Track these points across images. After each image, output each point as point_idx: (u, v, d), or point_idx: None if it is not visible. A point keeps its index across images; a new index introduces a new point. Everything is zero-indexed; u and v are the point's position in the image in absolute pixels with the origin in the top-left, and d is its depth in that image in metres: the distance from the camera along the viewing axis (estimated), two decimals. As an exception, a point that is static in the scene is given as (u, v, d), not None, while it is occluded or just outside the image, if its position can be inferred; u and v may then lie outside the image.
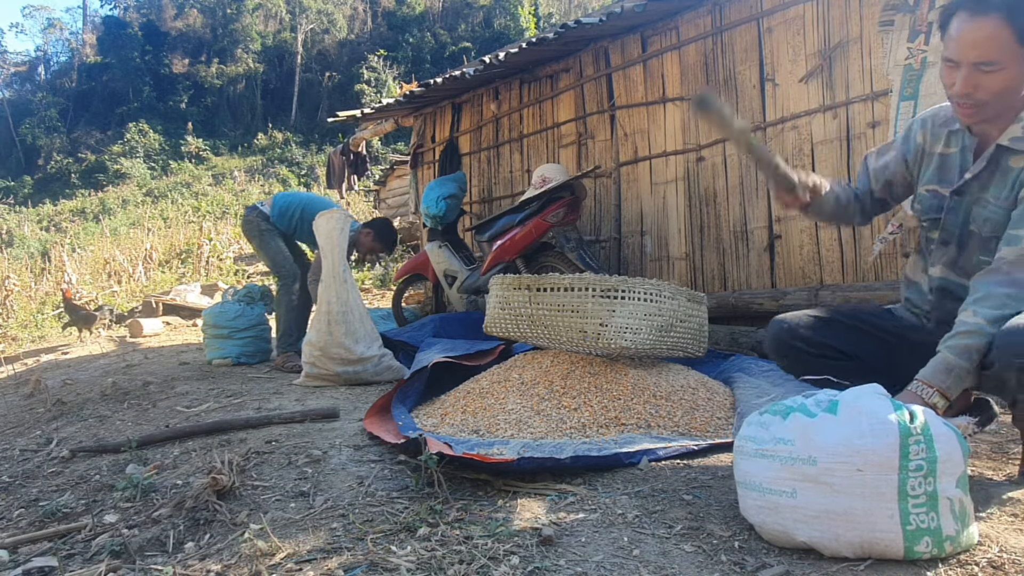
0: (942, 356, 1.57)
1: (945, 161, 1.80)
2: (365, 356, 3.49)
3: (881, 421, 1.31)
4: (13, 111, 38.06)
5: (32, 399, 3.74)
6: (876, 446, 1.28)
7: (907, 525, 1.26)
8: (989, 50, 1.51)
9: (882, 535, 1.27)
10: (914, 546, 1.27)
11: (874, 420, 1.31)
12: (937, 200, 1.81)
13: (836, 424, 1.34)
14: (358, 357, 3.46)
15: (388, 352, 3.66)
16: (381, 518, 1.67)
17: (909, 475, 1.26)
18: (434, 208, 5.02)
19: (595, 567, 1.34)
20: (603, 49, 4.88)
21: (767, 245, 3.93)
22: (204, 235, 13.53)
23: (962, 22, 1.54)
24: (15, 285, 9.76)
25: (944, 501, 1.28)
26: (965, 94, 1.56)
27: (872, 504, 1.27)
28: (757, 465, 1.43)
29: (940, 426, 1.33)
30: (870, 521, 1.27)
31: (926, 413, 1.35)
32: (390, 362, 3.62)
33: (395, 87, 22.80)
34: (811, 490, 1.32)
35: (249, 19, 38.19)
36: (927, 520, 1.27)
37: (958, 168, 1.77)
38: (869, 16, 3.45)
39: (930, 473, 1.27)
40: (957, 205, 1.76)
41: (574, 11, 29.98)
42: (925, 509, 1.27)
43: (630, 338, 2.56)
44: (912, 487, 1.26)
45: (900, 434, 1.28)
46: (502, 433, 2.31)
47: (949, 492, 1.28)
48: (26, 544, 1.77)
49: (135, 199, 25.70)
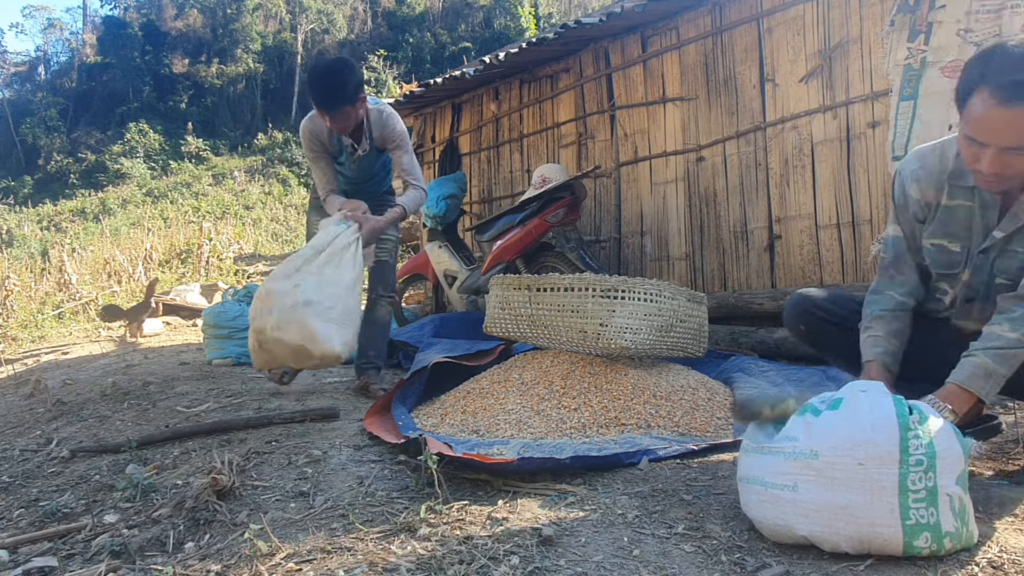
0: (979, 361, 1.55)
1: (951, 215, 1.72)
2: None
3: (882, 416, 1.31)
4: (13, 111, 38.04)
5: (32, 399, 3.73)
6: (877, 439, 1.29)
7: (907, 520, 1.26)
8: (1021, 137, 1.44)
9: (882, 529, 1.27)
10: (913, 541, 1.27)
11: (875, 415, 1.32)
12: (946, 256, 1.75)
13: (839, 419, 1.35)
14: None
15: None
16: (381, 518, 1.67)
17: (909, 469, 1.27)
18: (434, 208, 5.02)
19: (595, 567, 1.34)
20: (603, 49, 4.88)
21: (767, 245, 3.93)
22: (204, 235, 13.51)
23: (989, 107, 1.44)
24: (15, 285, 9.74)
25: (944, 497, 1.28)
26: (994, 174, 1.50)
27: (872, 498, 1.27)
28: (761, 461, 1.44)
29: (939, 422, 1.33)
30: (870, 515, 1.27)
31: (925, 409, 1.36)
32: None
33: (395, 87, 22.79)
34: (813, 484, 1.33)
35: (249, 19, 38.17)
36: (927, 515, 1.27)
37: (972, 224, 1.70)
38: (869, 16, 3.45)
39: (930, 468, 1.27)
40: (983, 263, 1.71)
41: (574, 11, 29.97)
42: (925, 504, 1.27)
43: (630, 338, 2.56)
44: (912, 481, 1.27)
45: (900, 427, 1.29)
46: (502, 433, 2.31)
47: (949, 488, 1.29)
48: (26, 544, 1.77)
49: (135, 199, 25.68)
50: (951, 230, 1.73)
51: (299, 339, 2.39)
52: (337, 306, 2.50)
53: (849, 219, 3.55)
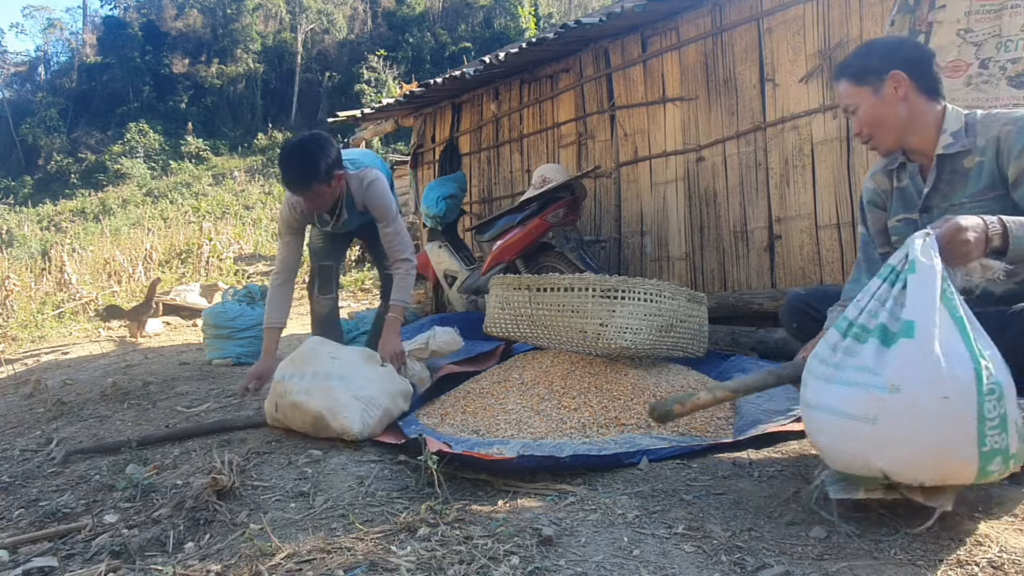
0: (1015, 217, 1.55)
1: (903, 193, 1.99)
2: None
3: (956, 350, 1.34)
4: (13, 111, 38.04)
5: (32, 399, 3.73)
6: (959, 373, 1.33)
7: (983, 447, 1.32)
8: (846, 100, 1.91)
9: (962, 459, 1.33)
10: (988, 466, 1.33)
11: (949, 347, 1.35)
12: (911, 227, 1.91)
13: (916, 350, 1.36)
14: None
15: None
16: (381, 518, 1.67)
17: (985, 399, 1.32)
18: (434, 208, 5.02)
19: (595, 567, 1.34)
20: (603, 49, 4.88)
21: (767, 245, 3.92)
22: (204, 235, 13.53)
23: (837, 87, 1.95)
24: (15, 285, 9.74)
25: (1012, 423, 1.35)
26: (857, 134, 1.92)
27: (955, 429, 1.32)
28: (834, 391, 1.46)
29: (997, 352, 1.39)
30: (953, 446, 1.33)
31: (985, 338, 1.39)
32: None
33: (395, 87, 22.81)
34: (896, 418, 1.35)
35: (249, 19, 38.17)
36: (1000, 440, 1.33)
37: (915, 193, 1.95)
38: (869, 16, 3.45)
39: (1001, 396, 1.34)
40: (929, 222, 1.81)
41: (574, 11, 29.97)
42: (998, 431, 1.33)
43: (630, 338, 2.56)
44: (988, 410, 1.32)
45: (973, 360, 1.34)
46: (502, 433, 2.31)
47: (1014, 413, 1.35)
48: (26, 544, 1.78)
49: (135, 199, 25.68)
50: (907, 204, 1.98)
51: (321, 406, 2.34)
52: (368, 389, 2.46)
53: (849, 219, 3.55)
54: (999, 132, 1.76)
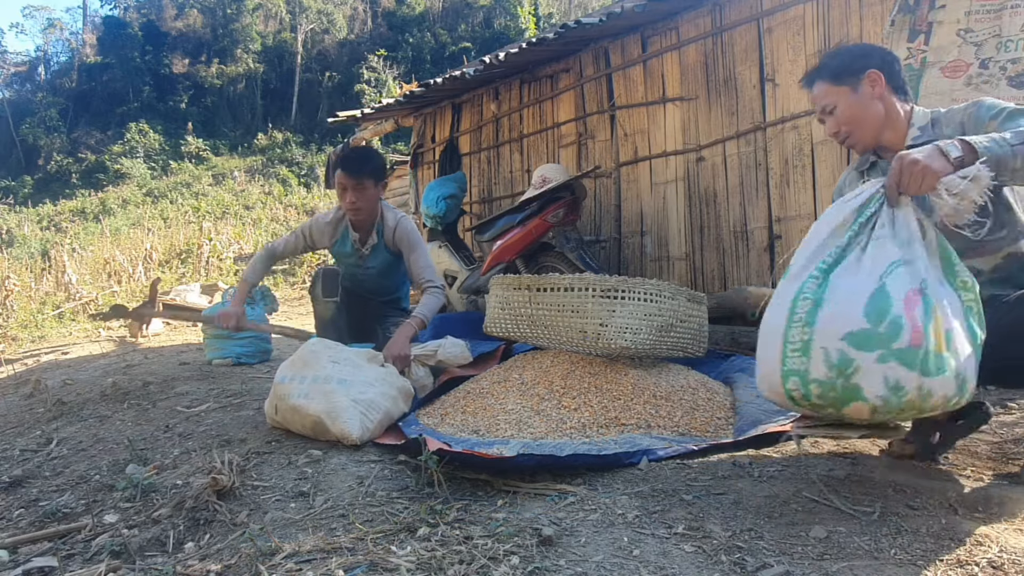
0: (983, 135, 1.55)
1: None
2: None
3: (798, 279, 1.58)
4: (13, 111, 38.03)
5: (32, 399, 3.73)
6: (784, 299, 1.59)
7: (784, 366, 1.55)
8: (824, 100, 1.97)
9: (772, 370, 1.57)
10: (786, 384, 1.52)
11: (799, 276, 1.57)
12: None
13: (786, 281, 1.62)
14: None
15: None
16: (381, 518, 1.67)
17: (792, 324, 1.55)
18: (434, 208, 5.02)
19: (595, 567, 1.34)
20: (603, 49, 4.88)
21: (767, 245, 3.92)
22: (204, 235, 13.52)
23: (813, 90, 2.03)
24: (15, 285, 9.73)
25: (817, 350, 1.48)
26: (834, 134, 1.96)
27: (771, 345, 1.61)
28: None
29: (843, 295, 1.49)
30: (768, 360, 1.62)
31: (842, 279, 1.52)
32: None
33: (395, 87, 22.81)
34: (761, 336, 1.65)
35: (249, 19, 38.16)
36: (799, 363, 1.51)
37: None
38: (869, 16, 3.45)
39: (808, 325, 1.49)
40: None
41: (574, 11, 29.97)
42: (799, 354, 1.51)
43: (630, 338, 2.56)
44: (792, 335, 1.54)
45: (798, 291, 1.55)
46: (502, 433, 2.31)
47: (826, 343, 1.48)
48: (26, 544, 1.77)
49: (135, 199, 25.67)
50: None
51: (321, 411, 2.34)
52: (369, 392, 2.46)
53: (849, 219, 3.55)
54: (962, 118, 1.81)
